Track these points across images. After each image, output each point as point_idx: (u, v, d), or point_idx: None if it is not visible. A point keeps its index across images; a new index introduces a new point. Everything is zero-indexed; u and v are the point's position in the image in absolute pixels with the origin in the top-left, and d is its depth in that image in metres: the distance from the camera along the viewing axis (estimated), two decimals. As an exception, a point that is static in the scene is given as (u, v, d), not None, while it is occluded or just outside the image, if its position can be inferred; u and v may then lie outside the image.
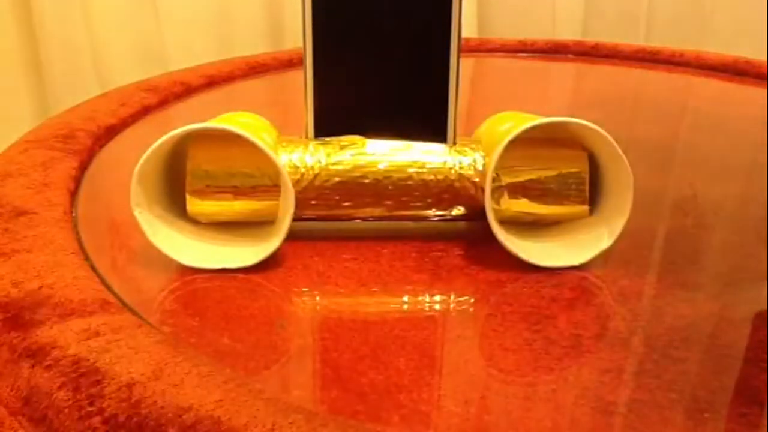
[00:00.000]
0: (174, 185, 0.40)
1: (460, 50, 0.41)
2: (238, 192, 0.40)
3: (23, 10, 0.95)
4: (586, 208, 0.41)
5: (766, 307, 0.36)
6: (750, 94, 0.81)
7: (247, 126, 0.39)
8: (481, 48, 0.96)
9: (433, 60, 0.41)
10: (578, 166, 0.40)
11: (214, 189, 0.39)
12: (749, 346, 0.33)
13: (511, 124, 0.40)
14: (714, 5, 1.30)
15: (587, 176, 0.40)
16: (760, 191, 0.51)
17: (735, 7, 1.29)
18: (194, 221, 0.40)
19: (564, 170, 0.40)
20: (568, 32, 1.28)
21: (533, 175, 0.40)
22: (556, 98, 0.81)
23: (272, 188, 0.39)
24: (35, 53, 0.97)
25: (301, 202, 0.39)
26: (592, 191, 0.41)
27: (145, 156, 0.37)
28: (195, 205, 0.39)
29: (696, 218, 0.47)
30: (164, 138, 0.37)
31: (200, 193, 0.39)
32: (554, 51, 0.96)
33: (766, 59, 0.87)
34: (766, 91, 0.79)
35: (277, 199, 0.39)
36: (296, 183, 0.40)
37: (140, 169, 0.37)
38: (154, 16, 1.06)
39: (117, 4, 1.03)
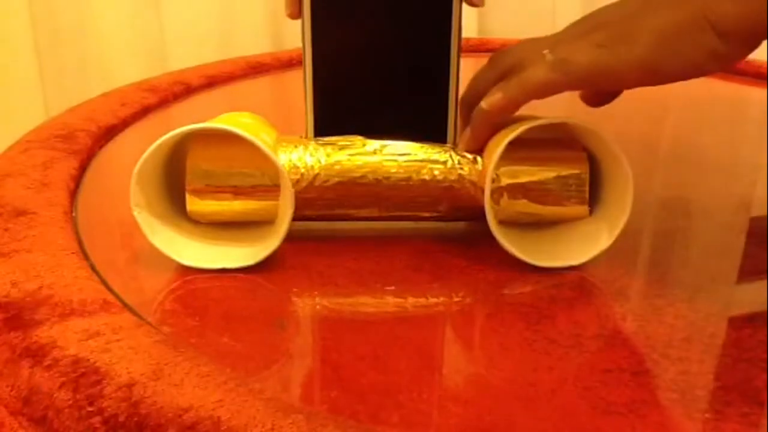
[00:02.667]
0: (174, 185, 0.40)
1: (460, 50, 0.41)
2: (237, 191, 0.40)
3: (25, 10, 0.95)
4: (586, 208, 0.41)
5: (766, 307, 0.36)
6: (750, 94, 0.81)
7: (247, 126, 0.39)
8: (481, 48, 0.96)
9: (434, 60, 0.41)
10: (578, 167, 0.40)
11: (213, 188, 0.39)
12: (749, 346, 0.33)
13: (510, 124, 0.40)
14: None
15: (587, 177, 0.40)
16: (760, 191, 0.51)
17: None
18: (194, 221, 0.40)
19: (564, 171, 0.40)
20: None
21: (533, 177, 0.40)
22: (555, 98, 0.81)
23: (272, 188, 0.39)
24: (37, 53, 0.97)
25: (300, 202, 0.39)
26: (591, 191, 0.41)
27: (144, 156, 0.37)
28: (195, 205, 0.39)
29: (695, 218, 0.47)
30: (164, 138, 0.37)
31: (200, 193, 0.39)
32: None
33: (766, 59, 0.87)
34: (766, 91, 0.79)
35: (277, 199, 0.39)
36: (296, 183, 0.40)
37: (139, 170, 0.37)
38: (155, 16, 1.06)
39: (119, 4, 1.03)
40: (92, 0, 1.01)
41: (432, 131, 0.41)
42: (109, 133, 0.59)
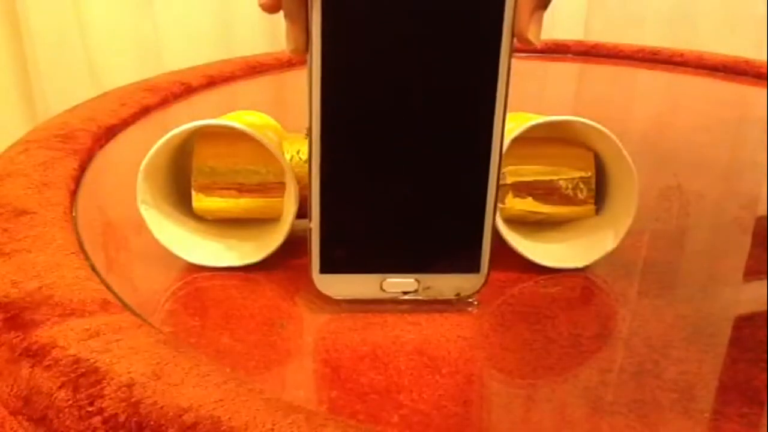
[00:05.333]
0: (178, 183, 0.40)
1: (500, 169, 0.33)
2: (243, 188, 0.40)
3: (18, 10, 0.95)
4: (592, 208, 0.40)
5: (766, 307, 0.36)
6: (750, 94, 0.81)
7: (253, 124, 0.39)
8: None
9: (469, 182, 0.33)
10: (585, 166, 0.40)
11: (219, 185, 0.39)
12: (749, 346, 0.33)
13: (516, 123, 0.40)
14: (712, 4, 1.30)
15: (594, 176, 0.40)
16: (760, 191, 0.51)
17: (734, 7, 1.29)
18: (199, 219, 0.40)
19: (571, 170, 0.40)
20: (568, 32, 1.28)
21: (539, 175, 0.40)
22: (556, 98, 0.81)
23: (277, 185, 0.40)
24: (30, 54, 0.96)
25: (305, 200, 0.39)
26: (597, 190, 0.40)
27: (151, 152, 0.37)
28: (200, 201, 0.40)
29: (696, 218, 0.47)
30: (171, 134, 0.37)
31: (206, 189, 0.39)
32: (554, 51, 0.96)
33: (766, 59, 0.87)
34: (766, 91, 0.79)
35: (282, 196, 0.39)
36: (301, 179, 0.40)
37: (146, 166, 0.37)
38: (152, 16, 1.06)
39: (114, 4, 1.03)
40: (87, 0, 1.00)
41: (463, 261, 0.35)
42: (109, 133, 0.59)
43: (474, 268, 0.35)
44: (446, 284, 0.35)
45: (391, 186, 0.33)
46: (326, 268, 0.34)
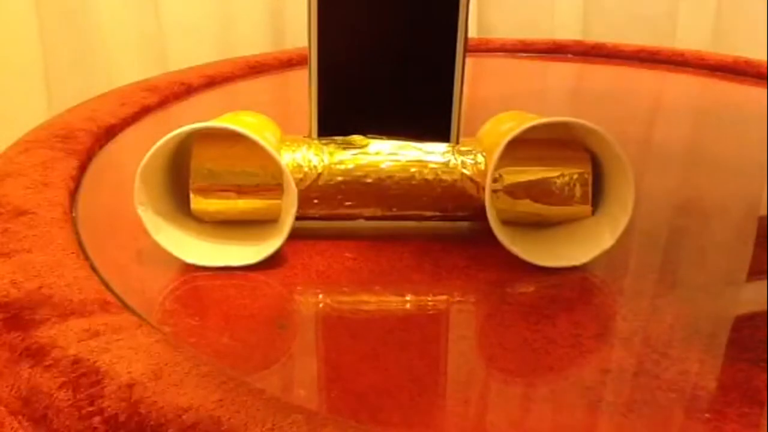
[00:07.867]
0: (177, 184, 0.40)
1: (466, 49, 0.41)
2: (241, 190, 0.40)
3: (26, 10, 0.95)
4: (588, 208, 0.40)
5: (766, 307, 0.36)
6: (750, 94, 0.81)
7: (251, 125, 0.39)
8: (481, 48, 0.96)
9: (439, 59, 0.41)
10: (581, 167, 0.40)
11: (217, 187, 0.39)
12: (749, 346, 0.33)
13: (513, 124, 0.40)
14: (718, 5, 1.30)
15: (590, 178, 0.40)
16: (760, 191, 0.51)
17: (737, 7, 1.29)
18: (197, 220, 0.40)
19: (567, 171, 0.40)
20: (568, 32, 1.27)
21: (536, 176, 0.40)
22: (556, 98, 0.81)
23: (275, 187, 0.40)
24: (38, 54, 0.97)
25: (303, 201, 0.39)
26: (594, 190, 0.41)
27: (148, 154, 0.37)
28: (199, 203, 0.40)
29: (696, 218, 0.47)
30: (168, 136, 0.37)
31: (204, 191, 0.39)
32: (554, 51, 0.96)
33: (766, 59, 0.87)
34: (766, 91, 0.79)
35: (281, 198, 0.39)
36: (299, 182, 0.40)
37: (144, 168, 0.37)
38: (155, 16, 1.06)
39: (118, 4, 1.03)
40: (92, 1, 1.00)
41: (435, 130, 0.42)
42: (109, 133, 0.59)
43: (444, 137, 0.42)
44: None
45: (375, 69, 0.41)
46: (322, 132, 0.42)
